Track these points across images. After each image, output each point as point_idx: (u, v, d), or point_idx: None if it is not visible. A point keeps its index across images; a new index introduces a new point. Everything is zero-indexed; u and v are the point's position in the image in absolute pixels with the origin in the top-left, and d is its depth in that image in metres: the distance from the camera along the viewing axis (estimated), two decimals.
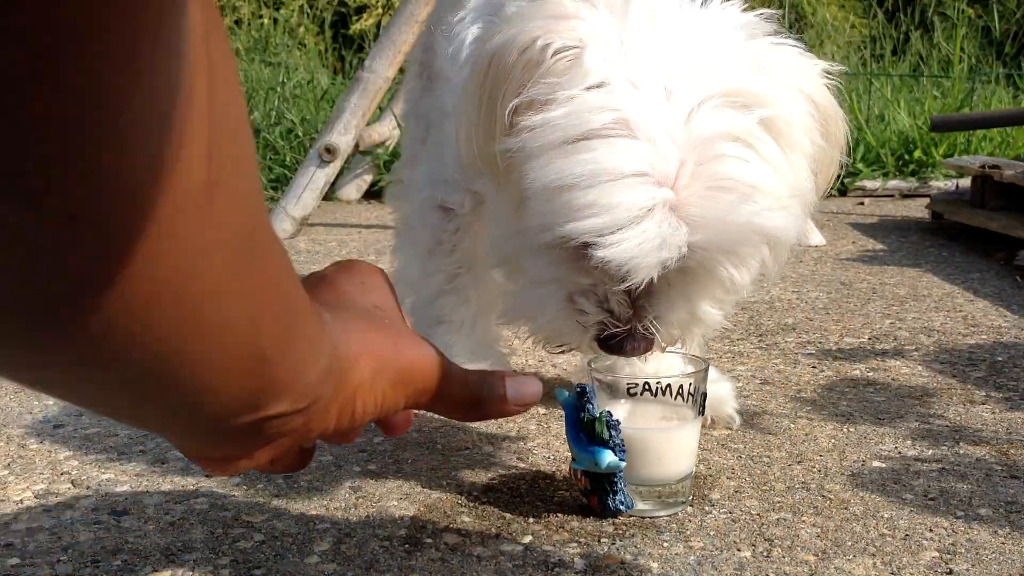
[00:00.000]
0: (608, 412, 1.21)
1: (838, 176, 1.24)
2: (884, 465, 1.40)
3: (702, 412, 1.28)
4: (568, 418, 1.25)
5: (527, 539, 1.19)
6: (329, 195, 3.92)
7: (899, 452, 1.44)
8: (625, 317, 1.13)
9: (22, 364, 0.45)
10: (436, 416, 1.59)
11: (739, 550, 1.15)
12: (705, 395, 1.28)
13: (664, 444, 1.25)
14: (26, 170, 0.35)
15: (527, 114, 1.08)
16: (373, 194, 4.20)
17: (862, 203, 4.09)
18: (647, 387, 1.26)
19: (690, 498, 1.27)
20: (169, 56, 0.38)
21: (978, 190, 3.17)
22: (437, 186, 1.60)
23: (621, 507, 1.21)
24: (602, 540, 1.18)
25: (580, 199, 1.04)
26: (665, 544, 1.17)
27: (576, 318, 1.14)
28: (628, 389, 1.27)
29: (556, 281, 1.14)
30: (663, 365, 1.46)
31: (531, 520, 1.23)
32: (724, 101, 1.07)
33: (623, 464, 1.20)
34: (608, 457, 1.19)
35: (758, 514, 1.25)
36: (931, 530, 1.20)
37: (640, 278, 1.07)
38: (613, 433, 1.20)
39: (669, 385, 1.25)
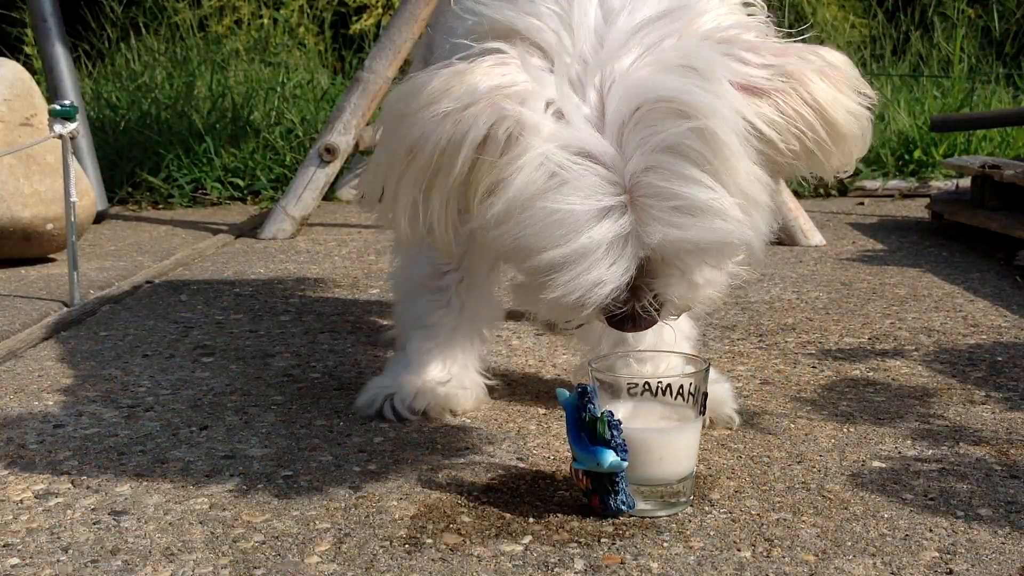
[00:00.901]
0: (610, 412, 1.21)
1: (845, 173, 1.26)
2: (884, 465, 1.40)
3: (703, 412, 1.28)
4: (569, 418, 1.25)
5: (527, 539, 1.19)
6: (329, 195, 3.92)
7: (899, 452, 1.44)
8: (623, 298, 1.16)
9: None
10: (436, 415, 1.60)
11: (739, 550, 1.15)
12: (706, 395, 1.28)
13: (665, 444, 1.25)
14: None
15: (488, 199, 1.12)
16: None
17: (862, 203, 4.09)
18: (647, 387, 1.26)
19: (691, 498, 1.27)
20: None
21: (978, 190, 3.17)
22: None
23: (623, 507, 1.21)
24: (602, 540, 1.18)
25: (533, 243, 1.10)
26: (665, 544, 1.17)
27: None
28: (628, 389, 1.27)
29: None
30: (663, 365, 1.46)
31: (531, 520, 1.23)
32: (658, 111, 1.09)
33: (625, 464, 1.20)
34: (610, 457, 1.19)
35: (758, 514, 1.25)
36: (931, 530, 1.20)
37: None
38: (615, 433, 1.20)
39: (669, 385, 1.25)
